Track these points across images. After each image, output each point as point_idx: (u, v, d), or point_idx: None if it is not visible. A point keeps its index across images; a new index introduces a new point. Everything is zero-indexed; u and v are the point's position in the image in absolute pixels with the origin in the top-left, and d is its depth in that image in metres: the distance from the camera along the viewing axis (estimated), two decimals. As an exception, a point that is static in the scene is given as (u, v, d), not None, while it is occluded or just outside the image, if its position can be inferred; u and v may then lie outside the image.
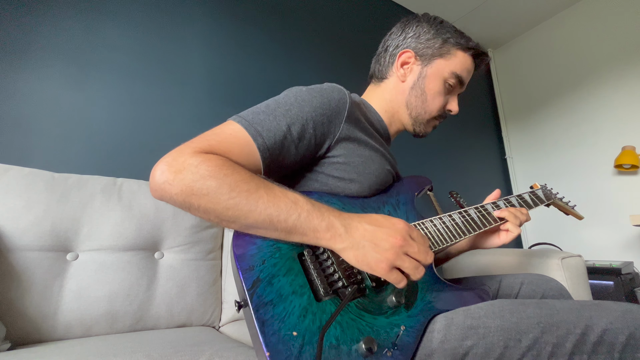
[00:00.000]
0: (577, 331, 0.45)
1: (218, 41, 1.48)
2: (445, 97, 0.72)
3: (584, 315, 0.46)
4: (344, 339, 0.43)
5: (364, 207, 0.59)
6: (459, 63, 0.70)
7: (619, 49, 2.15)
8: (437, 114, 0.72)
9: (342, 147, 0.59)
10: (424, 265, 0.47)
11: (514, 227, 0.69)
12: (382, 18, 2.17)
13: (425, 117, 0.72)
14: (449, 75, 0.70)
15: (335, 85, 0.61)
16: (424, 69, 0.70)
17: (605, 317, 0.46)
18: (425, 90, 0.70)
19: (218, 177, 0.43)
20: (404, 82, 0.72)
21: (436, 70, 0.70)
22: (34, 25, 1.10)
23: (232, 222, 0.45)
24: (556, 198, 0.89)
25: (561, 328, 0.45)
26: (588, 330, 0.45)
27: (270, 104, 0.55)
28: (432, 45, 0.70)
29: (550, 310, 0.48)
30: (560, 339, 0.44)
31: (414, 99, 0.71)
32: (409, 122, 0.73)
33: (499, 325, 0.46)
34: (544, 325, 0.45)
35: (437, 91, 0.70)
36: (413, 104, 0.71)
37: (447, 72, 0.70)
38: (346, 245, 0.46)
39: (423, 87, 0.70)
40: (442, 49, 0.70)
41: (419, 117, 0.72)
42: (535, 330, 0.45)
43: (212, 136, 0.49)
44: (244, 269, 0.43)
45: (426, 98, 0.70)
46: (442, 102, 0.71)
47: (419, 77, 0.71)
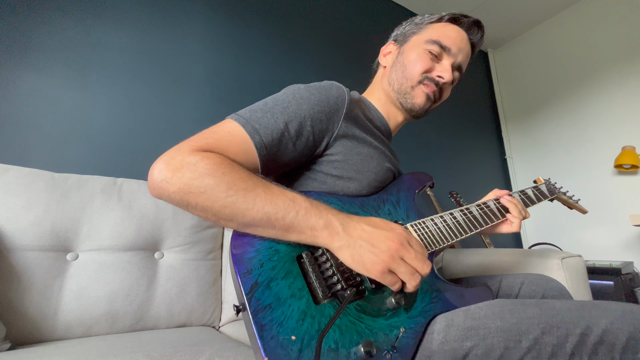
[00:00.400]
0: (577, 332, 0.45)
1: (217, 41, 1.48)
2: (429, 62, 0.69)
3: (584, 316, 0.46)
4: (343, 342, 0.42)
5: (364, 206, 0.58)
6: (435, 31, 0.70)
7: (619, 49, 2.15)
8: (420, 77, 0.69)
9: (341, 145, 0.59)
10: (421, 274, 0.46)
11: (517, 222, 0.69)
12: (382, 18, 2.17)
13: (408, 85, 0.69)
14: (426, 43, 0.69)
15: (334, 82, 0.61)
16: (401, 48, 0.73)
17: (605, 317, 0.45)
18: (404, 62, 0.70)
19: (216, 175, 0.43)
20: (386, 67, 0.75)
21: (412, 44, 0.71)
22: (34, 26, 1.10)
23: (229, 220, 0.45)
24: (560, 192, 0.89)
25: (561, 329, 0.45)
26: (588, 330, 0.44)
27: (268, 101, 0.55)
28: (408, 30, 0.74)
29: (550, 310, 0.47)
30: (561, 340, 0.44)
31: (394, 73, 0.72)
32: (395, 99, 0.72)
33: (499, 326, 0.46)
34: (544, 326, 0.45)
35: (415, 58, 0.69)
36: (394, 78, 0.72)
37: (423, 41, 0.70)
38: (343, 244, 0.45)
39: (402, 60, 0.71)
40: (416, 27, 0.73)
41: (401, 88, 0.70)
42: (535, 331, 0.45)
43: (210, 134, 0.49)
44: (242, 272, 0.43)
45: (405, 67, 0.70)
46: (424, 64, 0.68)
47: (398, 55, 0.73)
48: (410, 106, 0.70)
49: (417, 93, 0.69)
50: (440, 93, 0.71)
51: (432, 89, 0.69)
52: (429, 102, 0.70)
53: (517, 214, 0.69)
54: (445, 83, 0.69)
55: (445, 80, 0.68)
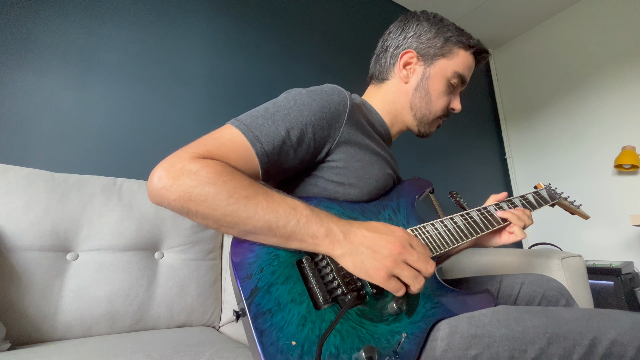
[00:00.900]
0: (584, 342, 0.43)
1: (218, 42, 1.48)
2: (448, 97, 0.71)
3: (592, 326, 0.45)
4: (344, 347, 0.42)
5: (364, 212, 0.58)
6: (461, 62, 0.69)
7: (619, 49, 2.14)
8: (442, 113, 0.72)
9: (342, 151, 0.58)
10: (424, 275, 0.45)
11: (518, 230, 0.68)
12: (382, 18, 2.16)
13: (430, 118, 0.71)
14: (452, 75, 0.69)
15: (336, 87, 0.60)
16: (427, 70, 0.69)
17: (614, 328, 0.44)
18: (430, 91, 0.69)
19: (217, 183, 0.43)
20: (407, 84, 0.70)
21: (439, 71, 0.69)
22: (34, 26, 1.10)
23: (230, 228, 0.44)
24: (561, 198, 0.88)
25: (568, 339, 0.44)
26: (596, 341, 0.43)
27: (269, 107, 0.54)
28: (434, 45, 0.69)
29: (557, 319, 0.46)
30: (567, 351, 0.43)
31: (418, 100, 0.70)
32: (413, 123, 0.72)
33: (504, 334, 0.45)
34: (551, 336, 0.44)
35: (441, 91, 0.69)
36: (417, 105, 0.70)
37: (450, 72, 0.69)
38: (344, 252, 0.45)
39: (427, 88, 0.69)
40: (444, 48, 0.69)
41: (424, 118, 0.71)
42: (541, 341, 0.44)
43: (210, 141, 0.48)
44: (242, 277, 0.43)
45: (430, 99, 0.69)
46: (446, 101, 0.71)
47: (422, 78, 0.69)
48: (425, 134, 0.75)
49: (434, 124, 0.74)
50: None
51: (443, 119, 0.75)
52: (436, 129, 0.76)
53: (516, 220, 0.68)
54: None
55: (456, 112, 0.73)
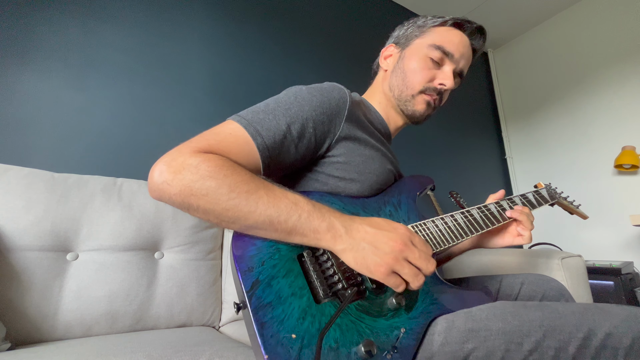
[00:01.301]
0: (579, 335, 0.44)
1: (218, 41, 1.48)
2: (430, 71, 0.68)
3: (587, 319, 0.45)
4: (344, 341, 0.42)
5: (365, 207, 0.58)
6: (438, 36, 0.69)
7: (619, 49, 2.15)
8: (421, 87, 0.68)
9: (343, 147, 0.58)
10: (425, 273, 0.46)
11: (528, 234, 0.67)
12: (382, 18, 2.17)
13: (408, 93, 0.69)
14: (428, 48, 0.68)
15: (336, 84, 0.61)
16: (403, 52, 0.72)
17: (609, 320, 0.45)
18: (405, 69, 0.70)
19: (218, 177, 0.43)
20: (387, 70, 0.74)
21: (414, 49, 0.70)
22: (34, 26, 1.10)
23: (231, 222, 0.44)
24: (561, 197, 0.88)
25: (564, 332, 0.44)
26: (591, 334, 0.44)
27: (269, 103, 0.54)
28: (410, 33, 0.73)
29: (552, 313, 0.47)
30: (563, 343, 0.44)
31: (394, 79, 0.71)
32: (395, 105, 0.72)
33: (500, 328, 0.45)
34: (546, 329, 0.45)
35: (417, 66, 0.69)
36: (394, 84, 0.71)
37: (425, 46, 0.69)
38: (346, 247, 0.45)
39: (402, 66, 0.70)
40: (419, 30, 0.72)
41: (402, 95, 0.70)
42: (537, 334, 0.44)
43: (211, 136, 0.49)
44: (243, 270, 0.43)
45: (405, 75, 0.69)
46: (425, 75, 0.68)
47: (399, 59, 0.72)
48: (411, 112, 0.71)
49: (418, 101, 0.70)
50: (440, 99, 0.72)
51: (433, 97, 0.70)
52: (429, 109, 0.71)
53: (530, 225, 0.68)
54: (447, 90, 0.70)
55: (447, 88, 0.69)
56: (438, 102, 0.71)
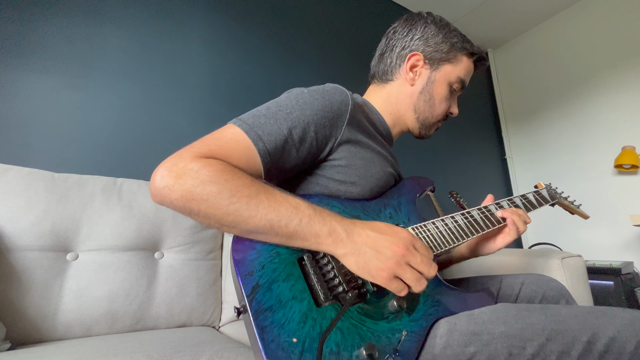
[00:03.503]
0: (583, 339, 0.43)
1: (218, 41, 1.48)
2: (449, 101, 0.73)
3: (591, 323, 0.45)
4: (345, 345, 0.42)
5: (365, 210, 0.58)
6: (464, 68, 0.72)
7: (619, 49, 2.14)
8: (442, 117, 0.74)
9: (344, 150, 0.58)
10: (427, 277, 0.45)
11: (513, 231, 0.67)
12: (382, 18, 2.16)
13: (432, 121, 0.73)
14: (455, 80, 0.71)
15: (337, 86, 0.60)
16: (432, 74, 0.70)
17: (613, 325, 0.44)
18: (434, 95, 0.70)
19: (219, 182, 0.43)
20: (413, 86, 0.70)
21: (444, 75, 0.70)
22: (34, 26, 1.10)
23: (232, 227, 0.44)
24: (561, 197, 0.88)
25: (567, 336, 0.44)
26: (595, 338, 0.43)
27: (271, 106, 0.54)
28: (441, 50, 0.69)
29: (555, 316, 0.46)
30: (566, 347, 0.43)
31: (422, 103, 0.71)
32: (415, 125, 0.73)
33: (502, 331, 0.45)
34: (549, 333, 0.44)
35: (444, 96, 0.71)
36: (421, 109, 0.71)
37: (454, 77, 0.71)
38: (347, 251, 0.45)
39: (432, 91, 0.70)
40: (450, 53, 0.70)
41: (426, 121, 0.73)
42: (540, 338, 0.44)
43: (212, 140, 0.48)
44: (243, 274, 0.43)
45: (434, 103, 0.71)
46: (447, 106, 0.73)
47: (428, 81, 0.70)
48: (425, 136, 0.76)
49: (434, 127, 0.76)
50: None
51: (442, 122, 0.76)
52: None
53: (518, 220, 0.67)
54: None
55: (453, 116, 0.76)
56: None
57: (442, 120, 0.76)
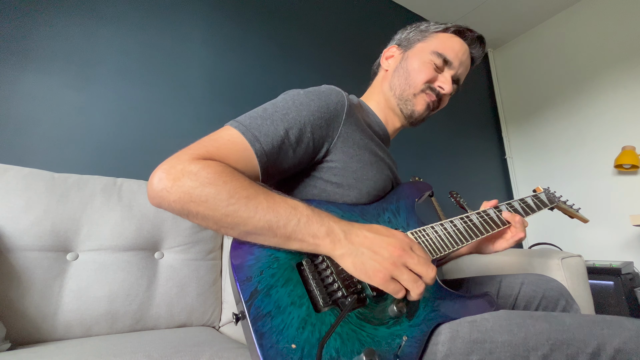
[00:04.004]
0: (588, 350, 0.43)
1: (218, 42, 1.48)
2: (431, 73, 0.70)
3: (596, 334, 0.44)
4: (344, 350, 0.41)
5: (364, 214, 0.57)
6: (440, 42, 0.71)
7: (620, 49, 2.14)
8: (423, 85, 0.70)
9: (340, 152, 0.58)
10: (426, 281, 0.45)
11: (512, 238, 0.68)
12: (382, 18, 2.16)
13: (410, 92, 0.70)
14: (431, 54, 0.70)
15: (333, 87, 0.60)
16: (405, 53, 0.73)
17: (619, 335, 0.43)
18: (408, 69, 0.71)
19: (217, 184, 0.43)
20: (388, 70, 0.75)
21: (417, 51, 0.72)
22: (34, 27, 1.10)
23: (231, 228, 0.44)
24: (560, 201, 0.88)
25: (571, 346, 0.43)
26: (600, 349, 0.43)
27: (267, 108, 0.54)
28: (413, 37, 0.74)
29: (560, 326, 0.46)
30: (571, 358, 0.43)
31: (396, 79, 0.72)
32: (395, 105, 0.72)
33: (506, 340, 0.44)
34: (554, 342, 0.43)
35: (419, 67, 0.70)
36: (396, 83, 0.72)
37: (428, 51, 0.70)
38: (345, 252, 0.45)
39: (405, 67, 0.71)
40: (421, 35, 0.73)
41: (403, 94, 0.71)
42: (544, 348, 0.43)
43: (210, 142, 0.49)
44: (242, 280, 0.42)
45: (409, 74, 0.71)
46: (427, 74, 0.69)
47: (401, 60, 0.73)
48: (410, 112, 0.72)
49: (418, 101, 0.71)
50: (438, 102, 0.72)
51: (432, 98, 0.71)
52: (427, 110, 0.72)
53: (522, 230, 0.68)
54: (445, 94, 0.71)
55: (445, 92, 0.70)
56: (436, 104, 0.72)
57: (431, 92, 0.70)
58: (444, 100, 0.73)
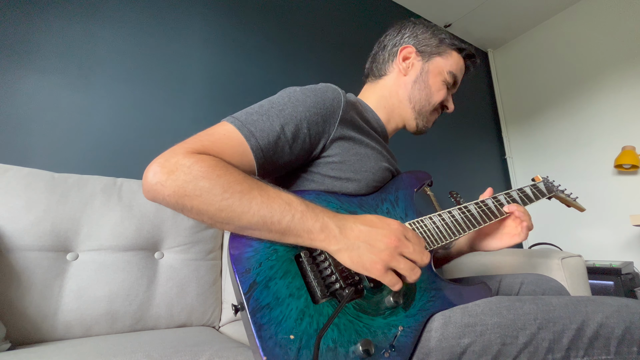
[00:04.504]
0: (573, 326, 0.45)
1: (217, 42, 1.49)
2: (445, 93, 0.74)
3: (580, 311, 0.47)
4: (342, 341, 0.42)
5: (362, 205, 0.58)
6: (455, 63, 0.74)
7: (619, 49, 2.15)
8: (437, 105, 0.74)
9: (337, 147, 0.58)
10: (420, 266, 0.46)
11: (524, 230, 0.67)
12: (381, 18, 2.16)
13: (429, 109, 0.74)
14: (447, 73, 0.73)
15: (330, 84, 0.61)
16: (425, 65, 0.73)
17: (601, 311, 0.46)
18: (430, 86, 0.72)
19: (211, 178, 0.43)
20: (406, 76, 0.73)
21: (436, 67, 0.73)
22: (34, 27, 1.10)
23: (225, 223, 0.44)
24: (558, 190, 0.88)
25: (557, 324, 0.46)
26: (584, 325, 0.45)
27: (264, 104, 0.55)
28: (430, 44, 0.73)
29: (546, 306, 0.48)
30: (557, 335, 0.45)
31: (417, 92, 0.72)
32: (411, 116, 0.74)
33: (496, 322, 0.46)
34: (541, 321, 0.46)
35: (439, 86, 0.73)
36: (417, 97, 0.73)
37: (446, 70, 0.73)
38: (341, 247, 0.45)
39: (427, 81, 0.72)
40: (440, 47, 0.73)
41: (422, 110, 0.74)
42: (532, 327, 0.45)
43: (205, 137, 0.49)
44: (241, 272, 0.43)
45: (431, 93, 0.73)
46: (442, 95, 0.74)
47: (421, 72, 0.73)
48: (423, 128, 0.76)
49: (431, 118, 0.76)
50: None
51: (438, 115, 0.77)
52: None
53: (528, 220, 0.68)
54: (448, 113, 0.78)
55: (449, 111, 0.77)
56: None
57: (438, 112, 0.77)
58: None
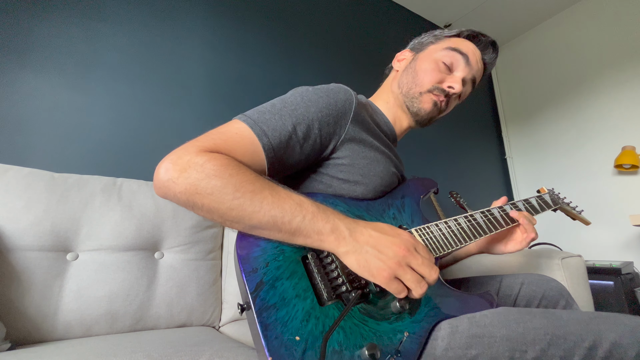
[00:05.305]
0: (585, 345, 0.43)
1: (218, 41, 1.48)
2: (440, 74, 0.69)
3: (593, 329, 0.45)
4: (347, 344, 0.42)
5: (369, 210, 0.58)
6: (452, 42, 0.72)
7: (619, 49, 2.15)
8: (430, 86, 0.69)
9: (348, 149, 0.58)
10: (428, 281, 0.45)
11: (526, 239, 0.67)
12: (383, 18, 2.16)
13: (417, 90, 0.70)
14: (443, 51, 0.70)
15: (342, 85, 0.61)
16: (417, 55, 0.74)
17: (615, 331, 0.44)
18: (416, 68, 0.71)
19: (223, 176, 0.43)
20: (398, 71, 0.75)
21: (428, 52, 0.72)
22: (34, 27, 1.10)
23: (235, 222, 0.44)
24: (563, 203, 0.88)
25: (569, 341, 0.44)
26: (596, 344, 0.43)
27: (276, 103, 0.54)
28: (426, 40, 0.75)
29: (557, 321, 0.46)
30: (568, 352, 0.43)
31: (405, 77, 0.72)
32: (402, 103, 0.72)
33: (504, 334, 0.45)
34: (551, 337, 0.44)
35: (428, 67, 0.70)
36: (404, 81, 0.72)
37: (440, 49, 0.71)
38: (349, 249, 0.45)
39: (414, 66, 0.72)
40: (434, 38, 0.75)
41: (410, 92, 0.70)
42: (542, 342, 0.44)
43: (217, 135, 0.49)
44: (248, 271, 0.43)
45: (416, 73, 0.71)
46: (435, 76, 0.69)
47: (412, 60, 0.74)
48: (416, 110, 0.70)
49: (425, 99, 0.70)
50: (447, 104, 0.71)
51: (440, 98, 0.70)
52: (435, 110, 0.71)
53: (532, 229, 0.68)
54: (454, 94, 0.70)
55: (455, 91, 0.69)
56: (444, 104, 0.71)
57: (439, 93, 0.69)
58: (451, 103, 0.72)
